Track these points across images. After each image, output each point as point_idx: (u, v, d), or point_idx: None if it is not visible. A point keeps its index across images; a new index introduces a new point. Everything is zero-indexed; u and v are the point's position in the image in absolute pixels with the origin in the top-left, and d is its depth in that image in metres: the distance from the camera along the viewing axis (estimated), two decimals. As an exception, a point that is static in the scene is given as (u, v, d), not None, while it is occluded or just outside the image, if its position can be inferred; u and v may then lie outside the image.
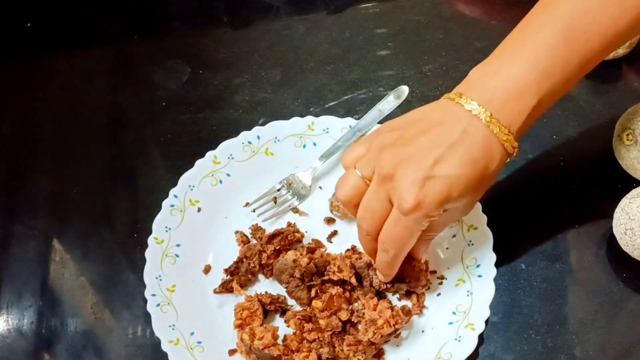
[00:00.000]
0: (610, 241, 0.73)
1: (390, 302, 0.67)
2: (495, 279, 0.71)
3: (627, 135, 0.74)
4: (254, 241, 0.74)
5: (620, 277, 0.72)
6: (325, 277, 0.69)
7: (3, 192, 0.81)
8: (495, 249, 0.71)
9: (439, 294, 0.70)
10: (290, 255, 0.70)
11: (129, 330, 0.71)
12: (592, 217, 0.75)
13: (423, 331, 0.68)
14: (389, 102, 0.79)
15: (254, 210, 0.76)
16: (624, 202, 0.70)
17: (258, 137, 0.78)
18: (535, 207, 0.76)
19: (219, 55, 0.91)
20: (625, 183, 0.76)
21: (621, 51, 0.82)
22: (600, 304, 0.70)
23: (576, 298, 0.71)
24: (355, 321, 0.68)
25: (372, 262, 0.68)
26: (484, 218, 0.72)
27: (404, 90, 0.80)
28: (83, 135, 0.85)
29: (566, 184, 0.78)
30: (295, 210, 0.77)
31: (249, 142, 0.78)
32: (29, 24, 0.95)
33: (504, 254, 0.73)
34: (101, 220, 0.78)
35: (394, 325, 0.65)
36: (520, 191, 0.78)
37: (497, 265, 0.71)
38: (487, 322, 0.68)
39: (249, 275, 0.72)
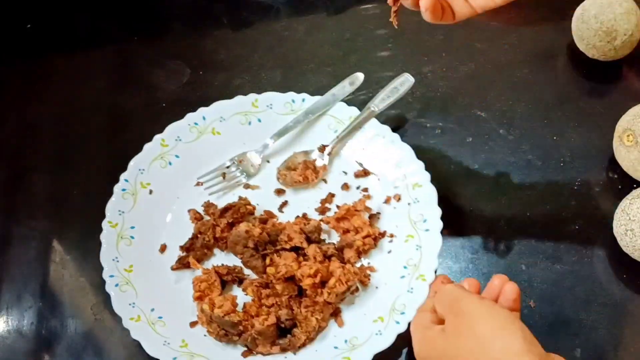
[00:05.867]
0: (611, 242, 0.72)
1: (341, 262, 0.71)
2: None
3: (628, 136, 0.74)
4: (207, 217, 0.76)
5: (621, 278, 0.72)
6: (278, 247, 0.72)
7: (3, 193, 0.81)
8: (495, 250, 0.71)
9: (389, 252, 0.73)
10: (243, 226, 0.72)
11: (128, 331, 0.71)
12: (593, 218, 0.75)
13: (377, 287, 0.71)
14: (344, 88, 0.82)
15: (202, 184, 0.78)
16: (625, 203, 0.70)
17: (204, 118, 0.80)
18: (536, 207, 0.76)
19: (219, 56, 0.91)
20: (625, 184, 0.76)
21: (621, 52, 0.82)
22: (601, 304, 0.70)
23: (576, 299, 0.71)
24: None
25: (321, 224, 0.73)
26: (427, 175, 0.75)
27: (359, 77, 0.83)
28: (83, 136, 0.85)
29: (566, 185, 0.78)
30: (247, 185, 0.79)
31: (195, 124, 0.80)
32: (29, 25, 0.95)
33: (504, 255, 0.73)
34: (101, 221, 0.78)
35: (346, 282, 0.68)
36: (521, 192, 0.78)
37: (497, 265, 0.71)
38: (435, 272, 0.70)
39: (205, 250, 0.74)
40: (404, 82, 0.82)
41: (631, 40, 0.81)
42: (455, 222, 0.76)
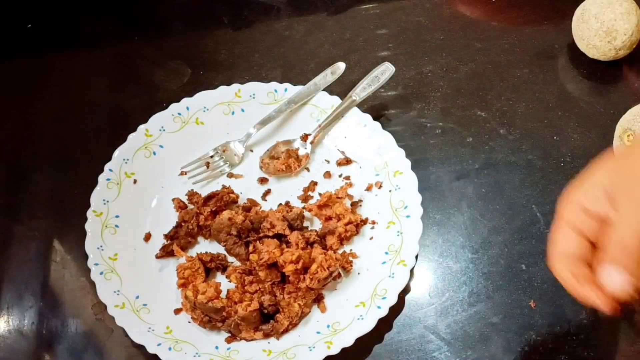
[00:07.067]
0: (611, 242, 0.72)
1: (323, 249, 0.72)
2: (495, 279, 0.71)
3: (628, 136, 0.74)
4: (191, 206, 0.77)
5: (621, 278, 0.72)
6: (261, 234, 0.72)
7: (3, 193, 0.81)
8: (496, 249, 0.71)
9: (371, 238, 0.74)
10: (226, 214, 0.73)
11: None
12: (593, 218, 0.75)
13: (359, 273, 0.72)
14: (326, 77, 0.83)
15: (185, 173, 0.78)
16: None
17: (187, 108, 0.81)
18: (536, 207, 0.76)
19: (220, 56, 0.91)
20: (625, 184, 0.76)
21: (622, 52, 0.83)
22: (601, 304, 0.70)
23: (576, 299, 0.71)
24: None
25: (304, 212, 0.74)
26: (408, 163, 0.76)
27: (340, 66, 0.84)
28: (83, 136, 0.85)
29: (566, 185, 0.78)
30: (230, 174, 0.79)
31: (179, 114, 0.81)
32: (29, 25, 0.95)
33: (504, 255, 0.73)
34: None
35: (328, 268, 0.68)
36: (521, 192, 0.78)
37: (497, 265, 0.71)
38: (417, 257, 0.71)
39: (189, 238, 0.75)
40: (385, 70, 0.83)
41: (631, 40, 0.81)
42: (455, 222, 0.76)
